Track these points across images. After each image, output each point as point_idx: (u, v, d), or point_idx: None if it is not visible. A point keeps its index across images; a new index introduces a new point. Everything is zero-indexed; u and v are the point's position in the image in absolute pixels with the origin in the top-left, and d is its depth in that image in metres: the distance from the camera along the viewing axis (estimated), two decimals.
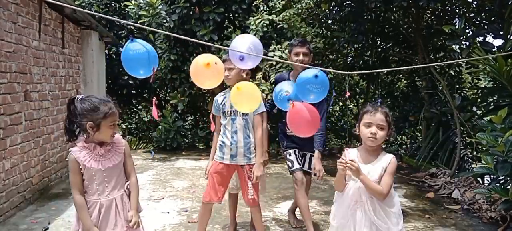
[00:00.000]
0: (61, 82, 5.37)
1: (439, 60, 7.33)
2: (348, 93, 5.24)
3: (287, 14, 6.51)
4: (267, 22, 6.51)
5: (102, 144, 2.19)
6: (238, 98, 2.66)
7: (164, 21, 7.56)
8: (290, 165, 3.57)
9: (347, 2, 6.72)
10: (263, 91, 5.60)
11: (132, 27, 8.31)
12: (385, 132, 2.19)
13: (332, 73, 8.38)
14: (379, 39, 7.80)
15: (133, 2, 7.86)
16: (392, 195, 2.24)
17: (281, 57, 6.15)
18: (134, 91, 9.01)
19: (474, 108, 6.18)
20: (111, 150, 2.22)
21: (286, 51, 6.18)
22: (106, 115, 2.10)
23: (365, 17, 6.67)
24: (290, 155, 3.57)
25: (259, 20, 6.50)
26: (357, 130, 2.30)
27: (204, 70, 2.52)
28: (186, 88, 7.65)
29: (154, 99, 3.12)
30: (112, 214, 2.21)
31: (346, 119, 9.80)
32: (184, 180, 5.58)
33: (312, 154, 3.49)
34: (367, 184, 2.14)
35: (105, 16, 2.25)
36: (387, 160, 2.21)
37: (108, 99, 2.17)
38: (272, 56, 6.22)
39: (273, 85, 3.98)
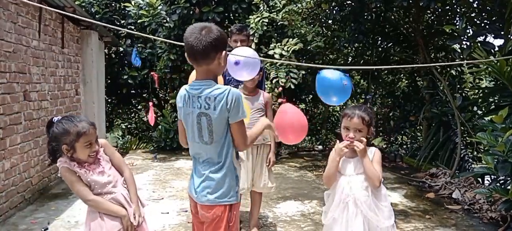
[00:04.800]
0: (60, 82, 5.36)
1: (439, 60, 7.32)
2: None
3: (287, 9, 6.49)
4: (267, 20, 6.48)
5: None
6: None
7: (164, 21, 7.55)
8: None
9: (348, 2, 6.71)
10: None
11: (132, 27, 8.29)
12: (364, 133, 2.30)
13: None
14: (379, 39, 7.79)
15: (133, 2, 7.86)
16: (381, 188, 2.32)
17: (281, 55, 6.14)
18: (133, 91, 8.99)
19: (475, 108, 6.17)
20: (97, 159, 2.21)
21: (286, 48, 6.18)
22: (78, 136, 2.07)
23: (365, 16, 6.67)
24: None
25: (259, 18, 6.48)
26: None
27: None
28: None
29: (151, 104, 3.07)
30: (126, 207, 2.21)
31: None
32: (184, 180, 5.57)
33: None
34: (367, 166, 2.24)
35: (102, 24, 2.25)
36: (371, 151, 2.31)
37: (84, 119, 2.14)
38: (273, 55, 6.21)
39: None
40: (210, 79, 1.97)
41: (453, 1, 6.07)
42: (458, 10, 6.41)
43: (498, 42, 5.99)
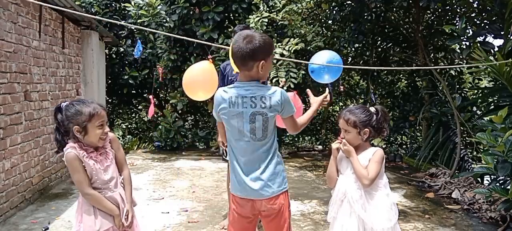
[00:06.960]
0: (61, 82, 5.37)
1: (439, 61, 7.33)
2: (342, 87, 5.25)
3: (287, 9, 6.49)
4: (266, 20, 6.49)
5: (96, 148, 2.16)
6: None
7: (164, 21, 7.57)
8: None
9: (348, 2, 6.71)
10: None
11: (132, 27, 8.30)
12: (353, 134, 2.30)
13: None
14: (379, 39, 7.80)
15: (133, 2, 7.87)
16: (377, 189, 2.29)
17: (282, 54, 6.15)
18: (134, 91, 9.01)
19: (474, 109, 6.18)
20: (104, 148, 2.21)
21: (287, 48, 6.19)
22: (91, 116, 2.07)
23: (365, 17, 6.67)
24: None
25: (258, 18, 6.49)
26: None
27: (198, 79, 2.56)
28: None
29: (152, 97, 3.10)
30: (121, 207, 2.21)
31: None
32: (184, 180, 5.58)
33: None
34: (355, 165, 2.26)
35: (103, 19, 2.27)
36: (372, 151, 2.31)
37: (92, 101, 2.15)
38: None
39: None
40: (255, 81, 2.09)
41: (453, 1, 6.08)
42: (458, 10, 6.41)
43: (498, 42, 6.00)
